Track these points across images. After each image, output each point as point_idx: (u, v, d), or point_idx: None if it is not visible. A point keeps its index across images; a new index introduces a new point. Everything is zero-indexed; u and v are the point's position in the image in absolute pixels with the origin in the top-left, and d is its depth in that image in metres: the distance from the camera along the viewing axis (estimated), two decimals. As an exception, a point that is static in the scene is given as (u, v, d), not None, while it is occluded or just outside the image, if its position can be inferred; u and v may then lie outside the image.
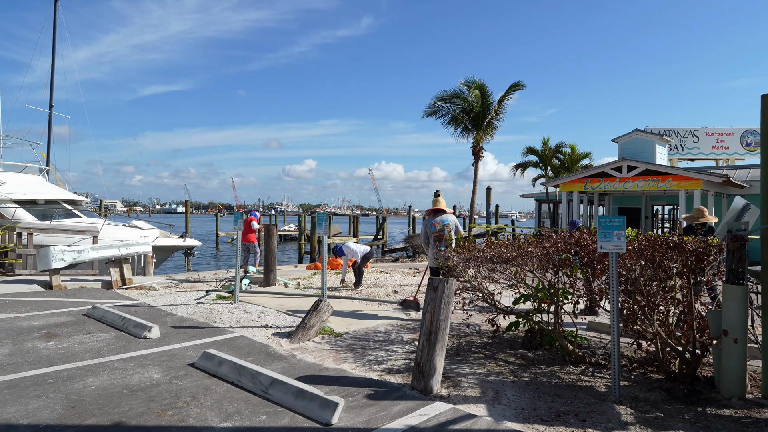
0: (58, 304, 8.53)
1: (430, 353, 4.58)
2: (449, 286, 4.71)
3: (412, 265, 16.69)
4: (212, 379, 4.81)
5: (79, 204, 18.91)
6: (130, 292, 10.35)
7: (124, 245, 11.80)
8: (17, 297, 9.13)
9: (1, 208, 16.36)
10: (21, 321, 7.15)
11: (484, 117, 24.08)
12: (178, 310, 8.03)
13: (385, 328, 7.03)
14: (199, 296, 9.42)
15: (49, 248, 10.61)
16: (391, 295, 10.36)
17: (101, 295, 9.68)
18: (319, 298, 6.68)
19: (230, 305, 8.40)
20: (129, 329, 6.56)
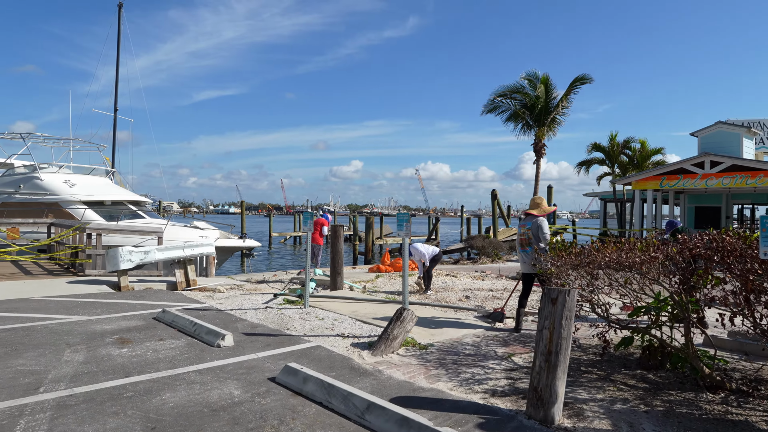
0: (128, 306, 8.37)
1: (550, 377, 3.90)
2: (571, 298, 4.02)
3: (477, 268, 15.91)
4: (298, 398, 4.32)
5: (143, 205, 19.27)
6: (196, 294, 10.16)
7: (188, 246, 11.69)
8: (88, 298, 9.08)
9: (72, 209, 16.83)
10: (94, 324, 6.97)
11: (548, 112, 22.92)
12: (248, 315, 7.67)
13: (472, 340, 6.38)
14: (266, 300, 9.07)
15: (117, 249, 10.59)
16: (463, 300, 9.69)
17: (168, 297, 9.51)
18: (401, 306, 6.11)
19: (300, 310, 7.98)
20: (201, 336, 6.21)
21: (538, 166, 23.95)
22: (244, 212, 35.98)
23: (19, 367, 5.07)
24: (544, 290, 6.99)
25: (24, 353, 5.54)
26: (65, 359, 5.34)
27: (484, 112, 23.96)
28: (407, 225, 6.55)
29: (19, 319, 7.24)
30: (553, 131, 23.68)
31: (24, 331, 6.54)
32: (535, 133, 23.59)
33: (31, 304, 8.44)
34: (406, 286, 6.47)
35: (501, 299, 9.76)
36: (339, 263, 9.82)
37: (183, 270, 11.58)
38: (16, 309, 7.95)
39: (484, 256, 19.85)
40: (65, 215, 16.51)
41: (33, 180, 17.16)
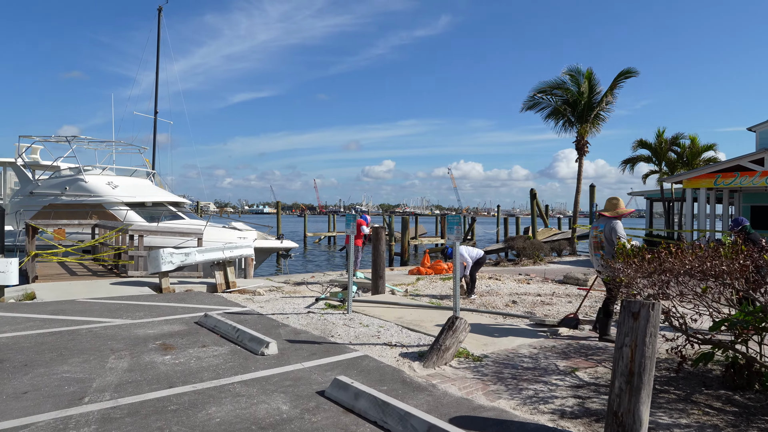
0: (170, 309, 8.30)
1: (633, 401, 3.48)
2: (655, 312, 3.58)
3: (519, 270, 15.35)
4: (350, 415, 4.03)
5: (182, 206, 19.47)
6: (235, 296, 10.05)
7: (228, 248, 11.62)
8: (131, 301, 9.07)
9: (114, 210, 17.12)
10: (137, 329, 6.87)
11: (590, 108, 22.07)
12: (290, 321, 7.46)
13: (528, 351, 5.97)
14: (307, 304, 8.86)
15: (158, 251, 10.60)
16: (510, 305, 9.25)
17: (208, 299, 9.42)
18: (453, 315, 5.75)
19: (344, 316, 7.72)
20: (244, 343, 6.01)
21: (580, 164, 23.13)
22: (280, 212, 36.19)
23: (65, 374, 4.96)
24: (606, 296, 6.54)
25: (69, 359, 5.45)
26: (109, 366, 5.22)
27: (524, 109, 23.30)
28: (458, 228, 6.19)
29: (65, 322, 7.23)
30: (597, 128, 22.81)
31: (69, 335, 6.49)
32: (577, 131, 22.77)
33: (76, 306, 8.47)
34: (458, 292, 6.11)
35: (551, 305, 9.27)
36: (381, 266, 9.53)
37: (223, 272, 11.53)
38: (62, 311, 7.98)
39: (524, 257, 19.23)
40: (108, 216, 16.80)
41: (78, 182, 17.55)
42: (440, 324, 7.06)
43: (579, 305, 8.08)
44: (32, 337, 6.37)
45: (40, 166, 19.66)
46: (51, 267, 13.59)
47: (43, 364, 5.25)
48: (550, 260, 19.47)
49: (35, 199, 17.89)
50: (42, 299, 9.15)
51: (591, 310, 8.73)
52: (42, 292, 9.81)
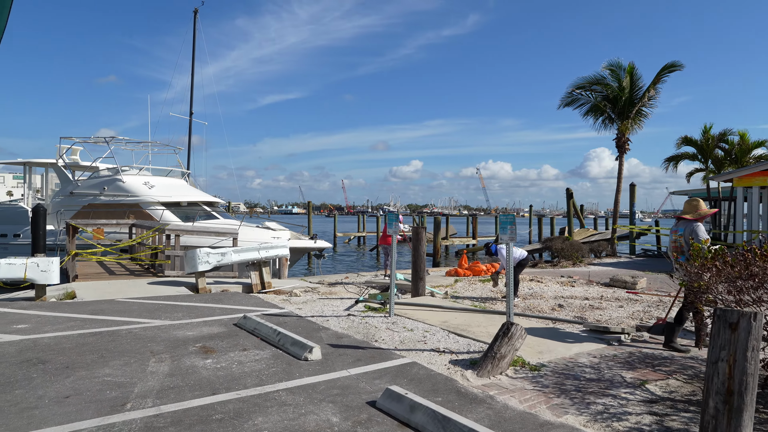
0: (208, 310, 8.16)
1: (733, 425, 3.07)
2: (758, 323, 3.16)
3: (561, 272, 14.79)
4: (405, 429, 3.73)
5: (216, 206, 19.55)
6: (272, 297, 9.89)
7: (263, 248, 11.48)
8: (168, 301, 8.99)
9: (151, 210, 17.27)
10: (176, 330, 6.73)
11: (632, 104, 21.24)
12: (330, 324, 7.21)
13: (588, 360, 5.55)
14: (346, 306, 8.60)
15: (195, 251, 10.52)
16: (557, 309, 8.80)
17: (245, 300, 9.27)
18: (507, 320, 5.39)
19: (385, 319, 7.42)
20: (286, 347, 5.78)
21: (621, 163, 22.30)
22: (311, 212, 36.23)
23: (106, 377, 4.81)
24: (685, 304, 6.03)
25: (110, 361, 5.31)
26: (150, 370, 5.05)
27: (562, 106, 22.59)
28: (512, 229, 5.81)
29: (105, 322, 7.15)
30: (639, 125, 21.94)
31: (110, 336, 6.39)
32: (618, 128, 21.95)
33: (115, 306, 8.43)
34: (511, 295, 5.74)
35: (601, 309, 8.78)
36: (421, 268, 9.20)
37: (258, 272, 11.40)
38: (102, 311, 7.93)
39: (562, 258, 18.59)
40: (145, 216, 16.97)
41: (116, 182, 17.80)
42: (488, 329, 6.70)
43: (668, 310, 7.46)
44: (73, 337, 6.28)
45: (79, 166, 20.05)
46: (90, 266, 13.74)
47: (85, 367, 5.12)
48: (589, 262, 18.78)
49: (75, 199, 18.22)
50: (82, 298, 9.17)
51: (645, 315, 8.22)
52: (82, 291, 9.84)
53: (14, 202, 20.12)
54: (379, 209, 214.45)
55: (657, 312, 8.49)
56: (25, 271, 8.71)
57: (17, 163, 19.59)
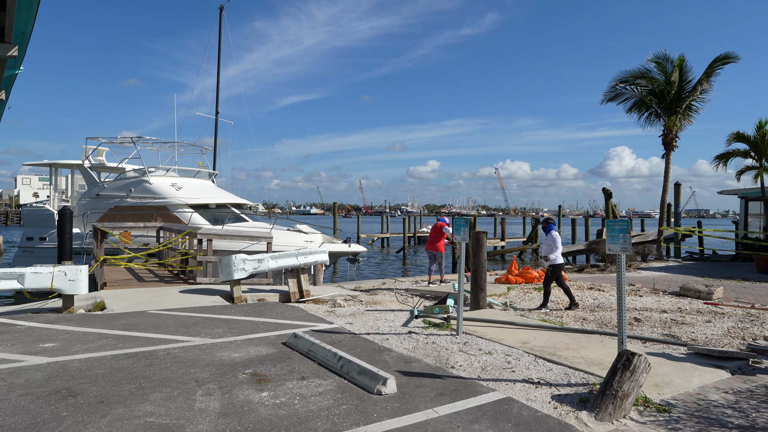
0: (250, 325, 7.36)
1: None
2: None
3: (614, 278, 13.68)
4: (544, 507, 2.83)
5: (244, 208, 18.88)
6: (314, 307, 9.08)
7: (302, 254, 10.69)
8: (204, 313, 8.23)
9: (178, 213, 16.65)
10: (220, 351, 5.94)
11: (681, 99, 19.99)
12: (392, 343, 6.34)
13: (720, 397, 4.58)
14: (402, 321, 7.73)
15: (231, 258, 9.77)
16: (635, 324, 7.82)
17: (288, 312, 8.46)
18: (624, 350, 4.45)
19: (454, 338, 6.53)
20: (352, 376, 4.93)
21: (667, 161, 21.05)
22: (336, 213, 35.48)
23: (148, 417, 4.01)
24: None
25: (151, 394, 4.52)
26: (199, 407, 4.24)
27: (605, 101, 21.43)
28: (625, 238, 4.88)
29: (139, 340, 6.40)
30: (688, 120, 20.67)
31: (146, 358, 5.62)
32: (664, 123, 20.71)
33: (148, 319, 7.69)
34: (624, 315, 4.79)
35: (687, 325, 7.76)
36: (482, 277, 8.29)
37: (296, 279, 10.62)
38: (134, 326, 7.19)
39: (610, 263, 17.47)
40: (173, 219, 16.35)
41: (142, 183, 17.22)
42: (580, 353, 5.76)
43: None
44: (106, 360, 5.53)
45: (105, 168, 19.56)
46: (118, 271, 13.12)
47: (122, 401, 4.33)
48: (638, 266, 17.64)
49: (101, 201, 17.71)
50: (112, 310, 8.46)
51: (745, 333, 7.18)
52: (111, 301, 9.15)
53: (40, 204, 19.72)
54: (397, 209, 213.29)
55: (756, 329, 7.44)
56: (52, 281, 8.03)
57: (43, 164, 19.20)
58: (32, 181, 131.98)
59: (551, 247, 9.25)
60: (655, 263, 19.25)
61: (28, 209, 19.11)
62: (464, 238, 6.55)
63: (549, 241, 9.32)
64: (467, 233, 6.55)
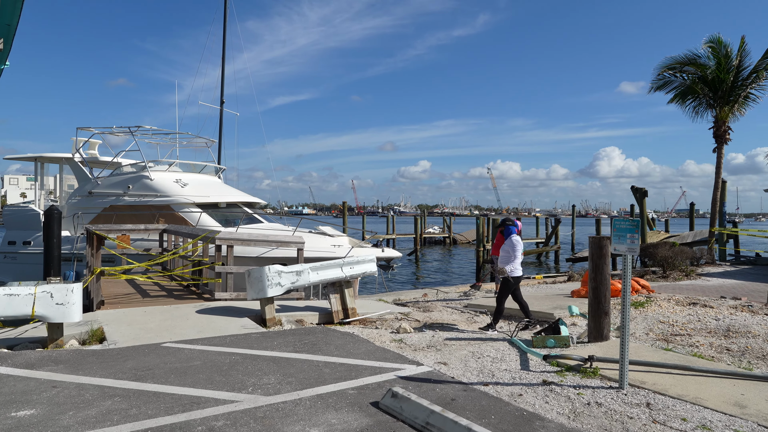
0: (309, 369, 5.31)
1: None
2: None
3: (689, 287, 11.76)
4: None
5: (256, 207, 16.79)
6: (371, 333, 7.09)
7: (347, 264, 8.67)
8: (240, 347, 6.16)
9: (184, 213, 14.53)
10: (287, 424, 3.89)
11: (737, 87, 18.17)
12: (531, 403, 4.32)
13: None
14: (509, 356, 5.71)
15: (263, 270, 7.74)
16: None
17: (346, 344, 6.42)
18: None
19: (618, 393, 4.52)
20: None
21: (719, 155, 19.23)
22: (346, 213, 33.34)
23: None
24: None
25: None
26: None
27: (652, 90, 19.60)
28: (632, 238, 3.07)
29: (160, 401, 4.34)
30: (741, 111, 18.87)
31: (179, 443, 3.57)
32: (715, 114, 18.89)
33: (165, 358, 5.62)
34: None
35: None
36: (606, 297, 6.30)
37: (339, 295, 8.63)
38: (148, 371, 5.12)
39: (671, 268, 15.56)
40: (177, 220, 14.25)
41: (142, 180, 15.08)
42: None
43: None
44: (115, 449, 3.47)
45: (98, 162, 17.37)
46: (116, 283, 10.99)
47: None
48: (697, 272, 15.75)
49: (94, 199, 15.55)
50: (114, 342, 6.38)
51: None
52: (112, 327, 7.07)
53: (26, 204, 17.50)
54: (390, 209, 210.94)
55: None
56: (34, 306, 5.94)
57: (28, 158, 16.99)
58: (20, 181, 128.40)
59: (509, 256, 7.45)
60: (709, 267, 17.41)
61: (10, 209, 16.91)
62: (631, 249, 4.54)
63: (507, 247, 7.50)
64: (636, 241, 4.55)
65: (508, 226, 7.84)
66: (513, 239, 7.57)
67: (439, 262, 37.03)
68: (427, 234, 50.17)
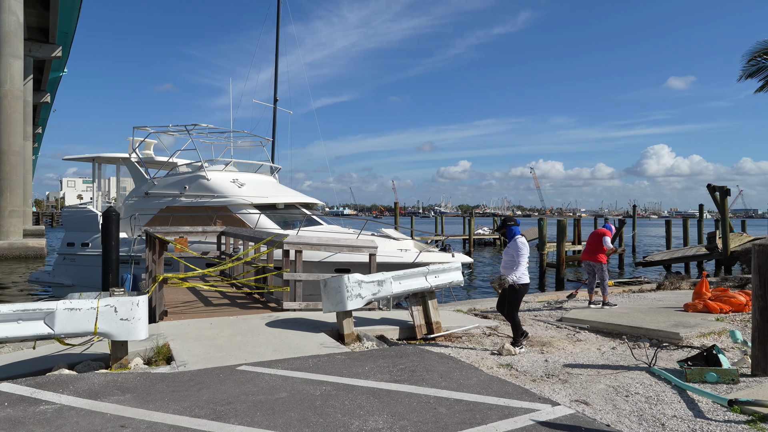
0: (419, 405, 4.33)
1: None
2: None
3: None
4: None
5: (315, 208, 16.03)
6: (469, 355, 6.07)
7: (432, 272, 7.68)
8: (325, 373, 5.25)
9: (242, 214, 13.90)
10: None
11: None
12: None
13: None
14: (654, 386, 4.55)
15: (341, 280, 6.83)
16: None
17: (449, 370, 5.40)
18: None
19: None
20: None
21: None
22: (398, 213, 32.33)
23: None
24: None
25: None
26: None
27: (743, 77, 17.72)
28: None
29: (253, 454, 3.44)
30: None
31: None
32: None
33: (245, 387, 4.76)
34: None
35: None
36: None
37: (422, 307, 7.66)
38: (228, 405, 4.26)
39: None
40: (235, 221, 13.64)
41: (199, 180, 14.58)
42: None
43: None
44: None
45: (154, 163, 17.08)
46: (175, 290, 10.38)
47: None
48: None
49: (151, 200, 15.18)
50: (183, 362, 5.59)
51: None
52: (179, 343, 6.32)
53: (83, 206, 17.38)
54: (431, 210, 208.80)
55: None
56: (96, 322, 5.21)
57: (86, 159, 16.87)
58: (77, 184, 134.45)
59: (514, 261, 6.41)
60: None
61: (69, 210, 16.79)
62: None
63: (512, 251, 6.43)
64: None
65: (510, 226, 6.79)
66: (519, 242, 6.56)
67: (493, 265, 35.52)
68: (477, 235, 48.58)
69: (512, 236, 6.68)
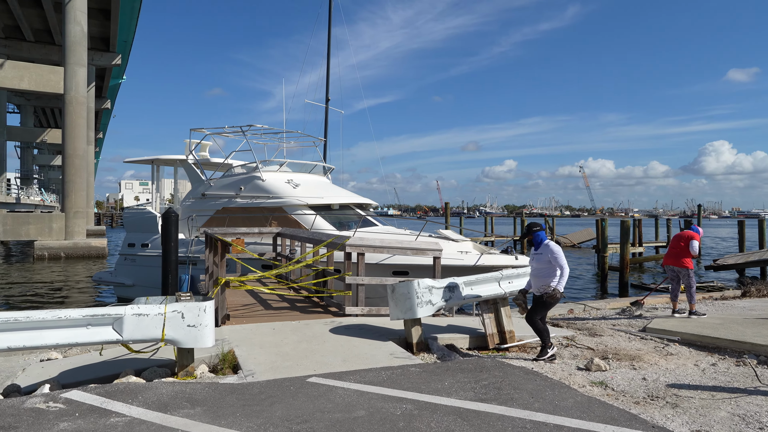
0: (513, 430, 3.84)
1: None
2: None
3: None
4: None
5: (369, 209, 15.72)
6: (554, 370, 5.49)
7: (506, 277, 7.16)
8: (401, 388, 4.83)
9: (297, 215, 13.74)
10: None
11: None
12: None
13: None
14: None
15: (411, 285, 6.41)
16: None
17: (539, 389, 4.86)
18: None
19: None
20: None
21: None
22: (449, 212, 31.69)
23: None
24: None
25: None
26: None
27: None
28: None
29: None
30: None
31: None
32: None
33: (319, 403, 4.41)
34: None
35: None
36: None
37: (494, 314, 7.13)
38: (304, 424, 3.92)
39: None
40: (291, 222, 13.50)
41: (254, 180, 14.56)
42: None
43: None
44: None
45: (210, 164, 17.26)
46: (237, 294, 10.26)
47: None
48: None
49: (207, 201, 15.29)
50: (251, 372, 5.32)
51: None
52: (244, 350, 6.07)
53: (143, 207, 17.78)
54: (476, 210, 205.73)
55: None
56: (164, 328, 5.01)
57: (145, 161, 17.27)
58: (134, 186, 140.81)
59: (550, 267, 5.89)
60: None
61: (130, 212, 17.17)
62: None
63: (548, 257, 5.85)
64: None
65: (536, 232, 6.23)
66: (553, 247, 5.99)
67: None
68: (528, 236, 47.20)
69: (540, 242, 6.18)
